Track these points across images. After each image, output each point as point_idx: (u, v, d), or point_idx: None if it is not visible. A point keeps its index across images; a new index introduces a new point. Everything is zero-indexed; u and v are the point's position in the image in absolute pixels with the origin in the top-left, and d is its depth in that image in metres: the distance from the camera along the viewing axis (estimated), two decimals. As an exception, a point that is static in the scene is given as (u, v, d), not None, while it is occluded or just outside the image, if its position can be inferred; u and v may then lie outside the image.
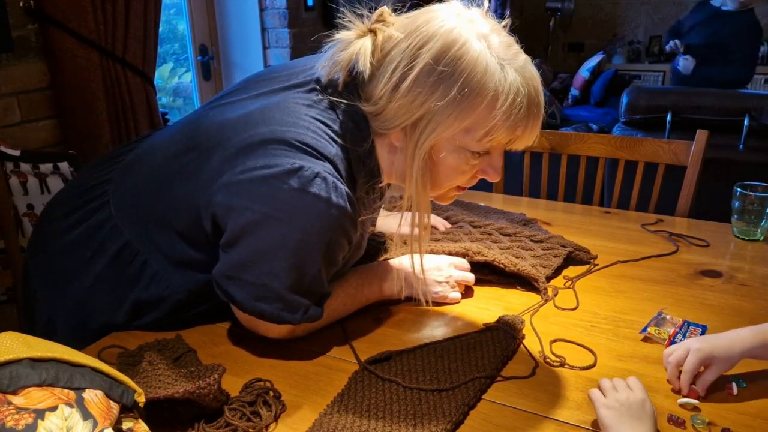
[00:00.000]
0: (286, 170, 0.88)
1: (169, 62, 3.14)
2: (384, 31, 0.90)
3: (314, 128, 0.92)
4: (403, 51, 0.88)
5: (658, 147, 1.70)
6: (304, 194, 0.88)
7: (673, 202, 1.65)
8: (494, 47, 0.88)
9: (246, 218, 0.89)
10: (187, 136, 1.00)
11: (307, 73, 0.99)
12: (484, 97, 0.87)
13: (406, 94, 0.88)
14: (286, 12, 2.94)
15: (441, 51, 0.86)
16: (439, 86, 0.87)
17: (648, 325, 1.02)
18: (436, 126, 0.89)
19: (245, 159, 0.90)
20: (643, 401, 0.79)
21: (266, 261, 0.90)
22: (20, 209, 1.70)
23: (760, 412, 0.82)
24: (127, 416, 0.67)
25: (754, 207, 1.34)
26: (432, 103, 0.87)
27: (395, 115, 0.91)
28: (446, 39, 0.86)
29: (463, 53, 0.86)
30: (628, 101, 2.74)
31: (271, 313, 0.92)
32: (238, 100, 1.01)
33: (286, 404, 0.85)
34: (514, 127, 0.89)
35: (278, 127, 0.91)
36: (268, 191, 0.88)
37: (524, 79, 0.88)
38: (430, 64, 0.86)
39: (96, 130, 2.00)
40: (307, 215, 0.89)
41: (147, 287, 1.00)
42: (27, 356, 0.62)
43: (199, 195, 0.93)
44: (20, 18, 1.87)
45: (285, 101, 0.95)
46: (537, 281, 1.16)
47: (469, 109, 0.87)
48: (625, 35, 6.00)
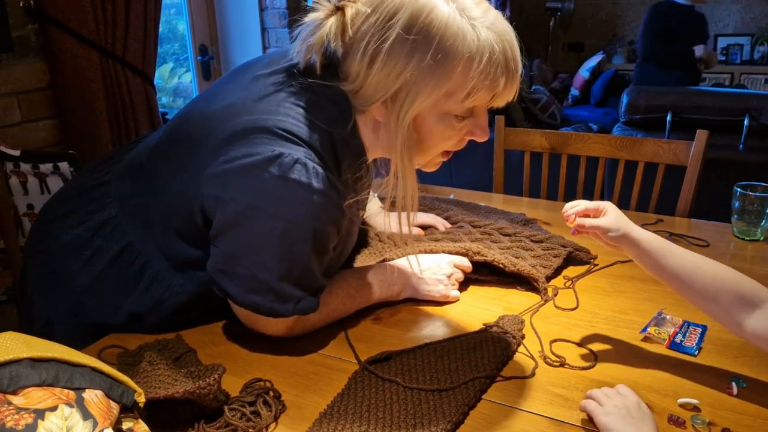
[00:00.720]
0: (266, 158, 0.88)
1: (169, 62, 3.14)
2: (352, 7, 0.89)
3: (294, 114, 0.92)
4: (373, 25, 0.87)
5: (658, 147, 1.70)
6: (285, 182, 0.88)
7: (673, 202, 1.65)
8: (464, 7, 0.87)
9: (231, 209, 0.90)
10: (176, 132, 1.01)
11: (286, 59, 0.99)
12: (460, 60, 0.87)
13: (381, 68, 0.88)
14: (286, 12, 2.94)
15: (410, 20, 0.85)
16: (413, 55, 0.86)
17: (648, 325, 1.02)
18: (415, 96, 0.88)
19: (228, 149, 0.90)
20: (638, 403, 0.79)
21: (254, 252, 0.91)
22: (20, 209, 1.70)
23: (760, 412, 0.82)
24: (127, 416, 0.67)
25: (754, 207, 1.34)
26: (408, 73, 0.87)
27: (374, 90, 0.91)
28: (414, 7, 0.86)
29: (432, 19, 0.85)
30: (628, 101, 2.74)
31: (264, 305, 0.92)
32: (220, 90, 1.01)
33: (286, 404, 0.85)
34: (493, 85, 0.89)
35: (258, 115, 0.91)
36: (250, 181, 0.89)
37: (497, 35, 0.88)
38: (402, 34, 0.86)
39: (96, 130, 2.00)
40: (290, 203, 0.89)
41: (147, 289, 1.00)
42: (27, 356, 0.62)
43: (189, 189, 0.94)
44: (20, 18, 1.87)
45: (265, 88, 0.95)
46: (537, 281, 1.16)
47: (446, 74, 0.87)
48: (625, 35, 6.01)
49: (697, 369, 0.92)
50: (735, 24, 5.65)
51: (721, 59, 5.68)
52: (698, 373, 0.91)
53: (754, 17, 5.56)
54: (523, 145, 1.88)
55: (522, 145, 1.88)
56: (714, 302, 0.86)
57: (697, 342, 0.98)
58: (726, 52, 5.66)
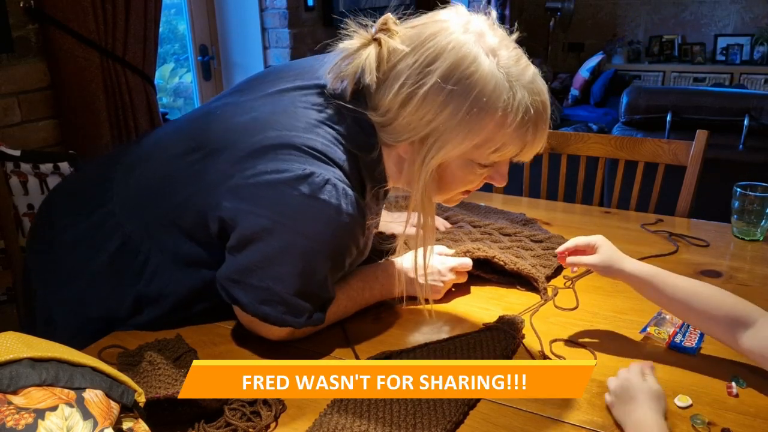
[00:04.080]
0: (296, 176, 0.87)
1: (170, 62, 3.14)
2: (388, 42, 0.89)
3: (324, 133, 0.92)
4: (411, 66, 0.87)
5: (658, 147, 1.70)
6: (314, 201, 0.87)
7: (673, 202, 1.65)
8: (503, 63, 0.86)
9: (255, 223, 0.89)
10: (193, 137, 1.00)
11: (313, 76, 0.98)
12: (493, 116, 0.86)
13: (414, 112, 0.88)
14: (286, 12, 2.94)
15: (450, 69, 0.85)
16: (448, 105, 0.86)
17: (648, 324, 1.02)
18: (444, 144, 0.88)
19: (255, 163, 0.90)
20: (629, 384, 0.82)
21: (273, 266, 0.90)
22: (20, 209, 1.70)
23: (760, 412, 0.82)
24: (127, 416, 0.67)
25: (754, 207, 1.34)
26: (440, 121, 0.87)
27: (403, 130, 0.90)
28: (455, 56, 0.85)
29: (472, 72, 0.85)
30: (628, 101, 2.74)
31: (275, 317, 0.92)
32: (244, 100, 1.00)
33: (286, 404, 0.85)
34: (522, 142, 0.90)
35: (287, 131, 0.91)
36: (278, 197, 0.88)
37: (532, 95, 0.87)
38: (439, 82, 0.85)
39: (96, 130, 2.00)
40: (317, 222, 0.89)
41: (149, 283, 1.00)
42: (27, 356, 0.62)
43: (206, 197, 0.93)
44: (20, 18, 1.87)
45: (293, 104, 0.95)
46: (537, 281, 1.16)
47: (478, 128, 0.87)
48: (625, 35, 6.00)
49: (697, 369, 0.92)
50: (735, 24, 5.65)
51: (721, 59, 5.69)
52: (698, 372, 0.91)
53: (754, 17, 5.56)
54: (523, 145, 1.87)
55: (522, 145, 1.87)
56: (712, 324, 0.90)
57: (697, 342, 0.98)
58: (726, 52, 5.66)
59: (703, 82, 5.55)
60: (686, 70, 5.69)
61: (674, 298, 0.92)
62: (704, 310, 0.90)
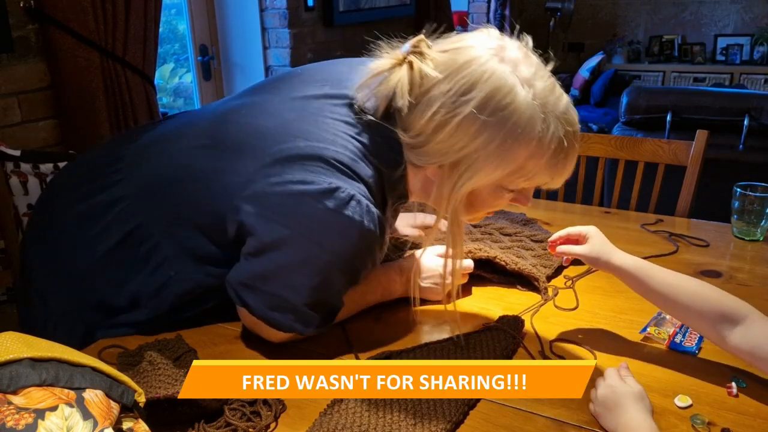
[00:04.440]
0: (322, 189, 0.87)
1: (170, 62, 3.15)
2: (421, 66, 0.88)
3: (351, 147, 0.91)
4: (445, 94, 0.86)
5: (658, 147, 1.70)
6: (338, 216, 0.87)
7: (673, 202, 1.65)
8: (538, 94, 0.86)
9: (276, 232, 0.89)
10: (215, 133, 0.99)
11: (342, 85, 0.97)
12: (527, 146, 0.86)
13: (446, 139, 0.87)
14: (286, 12, 2.94)
15: (485, 99, 0.84)
16: (482, 134, 0.85)
17: (648, 324, 1.02)
18: (476, 172, 0.88)
19: (281, 171, 0.89)
20: (613, 391, 0.81)
21: (290, 276, 0.90)
22: (20, 209, 1.70)
23: (760, 412, 0.82)
24: (127, 416, 0.67)
25: (754, 207, 1.34)
26: (473, 149, 0.86)
27: (434, 154, 0.89)
28: (491, 87, 0.84)
29: (508, 103, 0.84)
30: (628, 101, 2.74)
31: (283, 324, 0.92)
32: (269, 101, 0.99)
33: (286, 404, 0.85)
34: (553, 171, 0.90)
35: (316, 143, 0.90)
36: (303, 209, 0.88)
37: (565, 126, 0.87)
38: (474, 113, 0.84)
39: (96, 130, 1.99)
40: (339, 237, 0.89)
41: (152, 273, 0.99)
42: (27, 356, 0.62)
43: (227, 197, 0.92)
44: (20, 18, 1.87)
45: (322, 113, 0.94)
46: (538, 281, 1.16)
47: (511, 158, 0.87)
48: (625, 35, 6.01)
49: (697, 369, 0.92)
50: (735, 24, 5.65)
51: (721, 59, 5.69)
52: (698, 373, 0.91)
53: (754, 17, 5.56)
54: (523, 145, 1.87)
55: (522, 145, 1.87)
56: (698, 319, 0.89)
57: (697, 342, 0.98)
58: (726, 52, 5.66)
59: (703, 82, 5.55)
60: (686, 70, 5.69)
61: (660, 292, 0.92)
62: (690, 305, 0.89)
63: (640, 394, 0.81)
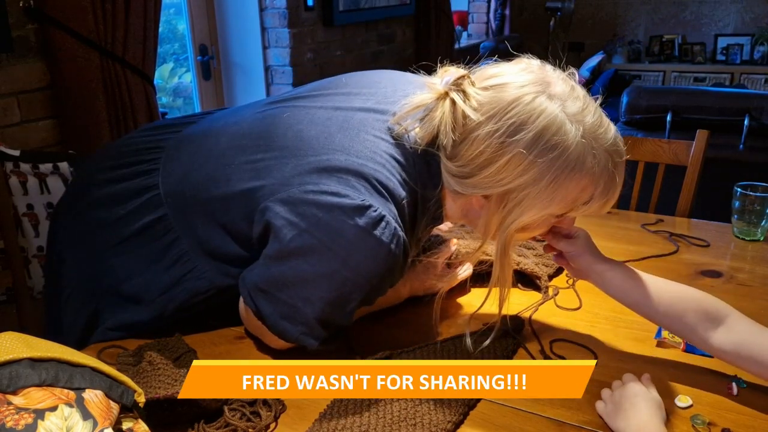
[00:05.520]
0: (355, 205, 0.86)
1: (169, 62, 3.14)
2: (463, 108, 0.86)
3: (390, 167, 0.91)
4: (491, 135, 0.84)
5: (658, 147, 1.70)
6: (366, 235, 0.86)
7: (673, 202, 1.65)
8: (587, 130, 0.84)
9: (301, 240, 0.88)
10: (259, 134, 0.98)
11: (388, 101, 0.96)
12: (578, 183, 0.85)
13: (494, 174, 0.85)
14: (286, 12, 2.94)
15: (535, 139, 0.82)
16: (532, 171, 0.84)
17: (660, 329, 1.00)
18: (526, 209, 0.86)
19: (318, 180, 0.88)
20: (634, 393, 0.80)
21: (307, 287, 0.89)
22: (20, 209, 1.69)
23: (760, 412, 0.82)
24: (127, 416, 0.67)
25: (754, 207, 1.34)
26: (522, 185, 0.85)
27: (479, 186, 0.88)
28: (540, 126, 0.82)
29: (558, 142, 0.82)
30: (628, 101, 2.74)
31: (291, 335, 0.91)
32: (313, 108, 0.99)
33: (286, 404, 0.85)
34: (602, 203, 0.89)
35: (356, 158, 0.90)
36: (332, 221, 0.87)
37: (614, 158, 0.87)
38: (524, 153, 0.83)
39: (96, 130, 1.99)
40: (363, 257, 0.88)
41: (169, 267, 0.98)
42: (27, 356, 0.62)
43: (260, 198, 0.92)
44: (20, 18, 1.87)
45: (364, 129, 0.93)
46: (539, 279, 1.16)
47: (563, 194, 0.86)
48: (625, 35, 6.01)
49: (697, 369, 0.92)
50: (735, 24, 5.65)
51: (721, 59, 5.69)
52: (698, 373, 0.91)
53: (754, 17, 5.56)
54: (523, 145, 1.87)
55: (522, 145, 1.87)
56: (680, 322, 0.87)
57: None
58: (726, 52, 5.66)
59: (704, 82, 5.55)
60: (686, 70, 5.70)
61: (639, 295, 0.90)
62: (670, 306, 0.88)
63: (659, 403, 0.80)
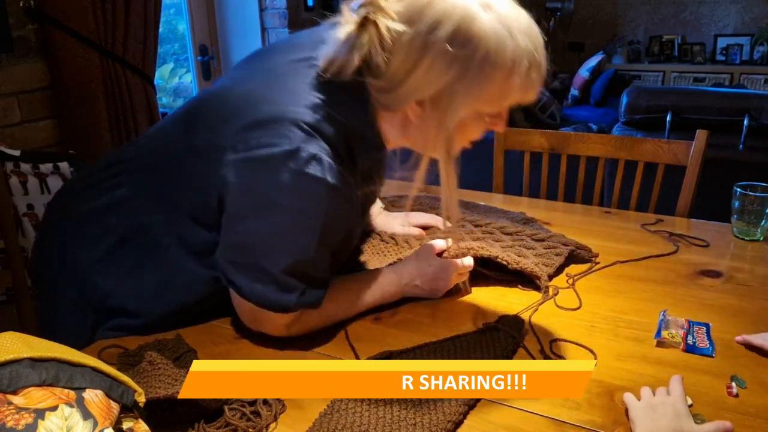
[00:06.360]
0: (284, 152, 0.88)
1: (170, 62, 3.15)
2: (387, 24, 0.88)
3: (312, 106, 0.92)
4: (413, 38, 0.87)
5: (658, 147, 1.70)
6: (301, 176, 0.88)
7: (673, 202, 1.65)
8: (501, 15, 0.87)
9: (246, 199, 0.91)
10: (191, 114, 1.02)
11: (308, 48, 0.98)
12: (502, 68, 0.87)
13: (422, 75, 0.88)
14: (286, 12, 2.94)
15: (453, 33, 0.86)
16: (456, 65, 0.87)
17: (660, 329, 1.01)
18: (459, 105, 0.89)
19: (247, 136, 0.91)
20: (673, 403, 0.79)
21: (265, 244, 0.92)
22: (20, 209, 1.70)
23: (760, 412, 0.82)
24: (127, 416, 0.67)
25: (754, 207, 1.34)
26: (451, 81, 0.88)
27: (410, 93, 0.91)
28: (455, 20, 0.86)
29: (474, 31, 0.86)
30: (628, 101, 2.74)
31: (269, 297, 0.92)
32: (239, 77, 1.02)
33: (286, 404, 0.85)
34: (527, 86, 0.91)
35: (278, 105, 0.92)
36: (267, 173, 0.89)
37: (531, 39, 0.89)
38: (445, 48, 0.86)
39: (96, 130, 2.00)
40: (303, 197, 0.90)
41: (155, 270, 1.00)
42: (27, 356, 0.62)
43: (208, 172, 0.94)
44: (20, 18, 1.87)
45: (285, 76, 0.96)
46: (539, 279, 1.16)
47: (490, 82, 0.88)
48: (625, 35, 6.01)
49: (697, 369, 0.92)
50: (735, 24, 5.65)
51: (721, 59, 5.69)
52: (698, 373, 0.91)
53: (754, 17, 5.56)
54: (523, 146, 1.88)
55: (522, 146, 1.88)
56: None
57: (709, 342, 0.97)
58: (726, 52, 5.66)
59: (703, 82, 5.55)
60: (686, 70, 5.70)
61: None
62: None
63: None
